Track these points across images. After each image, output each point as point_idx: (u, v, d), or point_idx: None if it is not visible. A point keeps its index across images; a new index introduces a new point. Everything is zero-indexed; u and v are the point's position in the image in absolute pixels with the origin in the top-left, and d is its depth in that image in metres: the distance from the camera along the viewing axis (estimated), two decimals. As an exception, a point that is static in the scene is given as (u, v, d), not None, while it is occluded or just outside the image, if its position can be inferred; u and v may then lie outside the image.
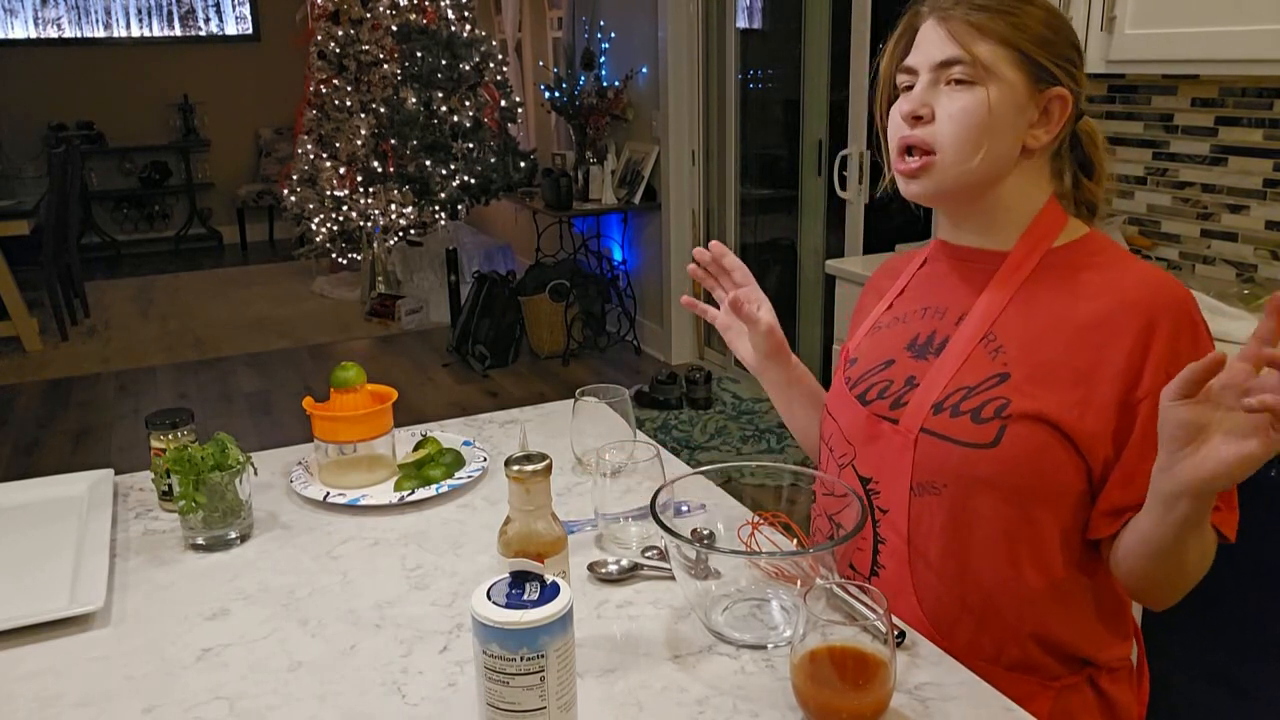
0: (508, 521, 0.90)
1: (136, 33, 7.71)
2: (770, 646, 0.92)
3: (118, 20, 7.65)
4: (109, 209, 7.95)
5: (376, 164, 5.18)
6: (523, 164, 5.33)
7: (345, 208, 5.27)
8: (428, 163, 5.09)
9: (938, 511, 1.01)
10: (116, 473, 1.33)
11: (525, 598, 0.76)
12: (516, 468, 0.87)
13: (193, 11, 7.83)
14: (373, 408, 1.28)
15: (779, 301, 1.23)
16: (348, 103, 5.19)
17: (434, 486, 1.26)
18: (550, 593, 0.76)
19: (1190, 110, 2.20)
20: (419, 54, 5.05)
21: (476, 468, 1.32)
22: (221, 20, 7.92)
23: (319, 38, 5.27)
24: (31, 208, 5.45)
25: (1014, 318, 1.02)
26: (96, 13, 7.58)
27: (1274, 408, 0.76)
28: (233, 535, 1.16)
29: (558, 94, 5.01)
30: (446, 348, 5.02)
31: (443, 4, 5.19)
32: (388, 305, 5.64)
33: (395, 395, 1.32)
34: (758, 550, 1.02)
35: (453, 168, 5.13)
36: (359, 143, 5.14)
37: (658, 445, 1.16)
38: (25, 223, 5.19)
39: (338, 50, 5.21)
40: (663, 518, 0.92)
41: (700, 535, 1.04)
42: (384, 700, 0.87)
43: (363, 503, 1.24)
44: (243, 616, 1.01)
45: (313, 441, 1.30)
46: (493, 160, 5.19)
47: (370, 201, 5.20)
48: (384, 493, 1.26)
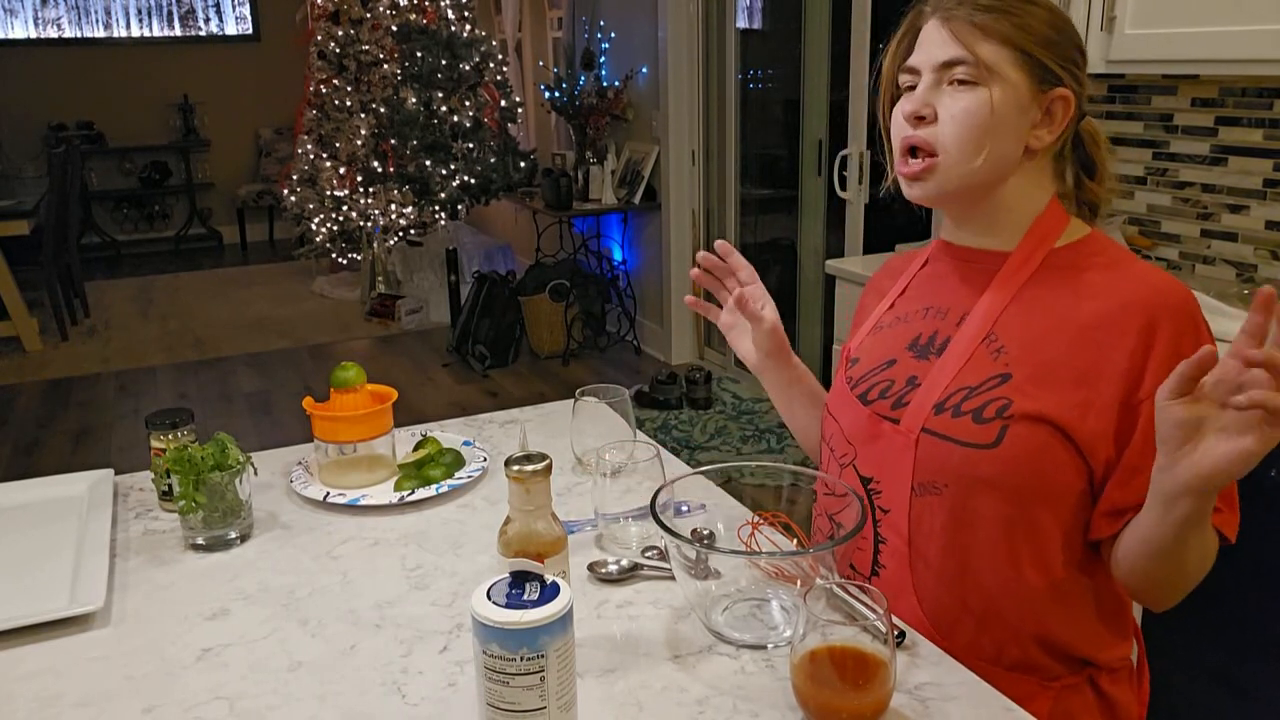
0: (508, 521, 0.90)
1: (136, 33, 7.71)
2: (770, 646, 0.92)
3: (118, 20, 7.65)
4: (109, 209, 7.95)
5: (376, 164, 5.18)
6: (523, 164, 5.33)
7: (345, 208, 5.27)
8: (428, 163, 5.09)
9: (938, 512, 1.01)
10: (116, 473, 1.33)
11: (525, 598, 0.76)
12: (516, 468, 0.87)
13: (193, 11, 7.83)
14: (373, 408, 1.28)
15: (779, 301, 1.23)
16: (348, 103, 5.19)
17: (434, 486, 1.26)
18: (550, 593, 0.76)
19: (1190, 110, 2.20)
20: (419, 54, 5.05)
21: (476, 468, 1.32)
22: (221, 20, 7.92)
23: (319, 38, 5.28)
24: (31, 208, 5.45)
25: (1016, 318, 1.02)
26: (96, 13, 7.58)
27: (1263, 404, 0.76)
28: (233, 535, 1.16)
29: (558, 94, 5.01)
30: (446, 348, 5.02)
31: (443, 4, 5.19)
32: (388, 305, 5.64)
33: (395, 395, 1.32)
34: (758, 550, 1.02)
35: (453, 168, 5.13)
36: (359, 143, 5.14)
37: (658, 445, 1.16)
38: (25, 223, 5.19)
39: (338, 50, 5.21)
40: (663, 518, 0.92)
41: (700, 535, 1.04)
42: (384, 700, 0.87)
43: (363, 503, 1.24)
44: (243, 616, 1.01)
45: (313, 441, 1.30)
46: (493, 160, 5.19)
47: (370, 201, 5.20)
48: (384, 493, 1.26)
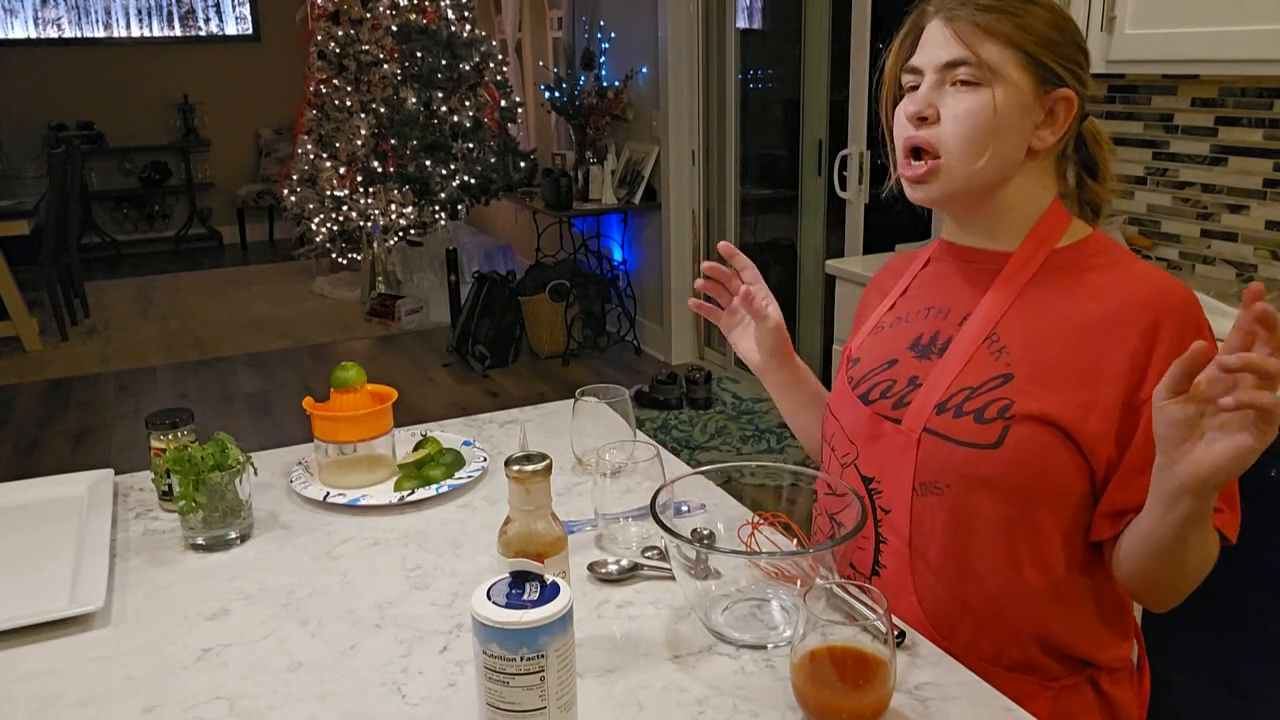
0: (508, 521, 0.90)
1: (136, 33, 7.71)
2: (770, 646, 0.92)
3: (118, 20, 7.65)
4: (109, 209, 7.95)
5: (376, 164, 5.18)
6: (523, 164, 5.33)
7: (345, 208, 5.27)
8: (428, 163, 5.09)
9: (939, 512, 1.00)
10: (116, 473, 1.33)
11: (525, 598, 0.76)
12: (516, 468, 0.87)
13: (193, 11, 7.83)
14: (373, 408, 1.28)
15: (779, 301, 1.23)
16: (348, 103, 5.19)
17: (434, 486, 1.26)
18: (550, 593, 0.76)
19: (1190, 110, 2.20)
20: (419, 54, 5.04)
21: (476, 468, 1.32)
22: (221, 20, 7.92)
23: (319, 38, 5.28)
24: (31, 208, 5.45)
25: (1017, 318, 1.01)
26: (96, 13, 7.58)
27: (1252, 404, 0.76)
28: (233, 535, 1.16)
29: (558, 94, 5.01)
30: (446, 348, 5.02)
31: (443, 4, 5.19)
32: (388, 305, 5.64)
33: (395, 395, 1.32)
34: (758, 550, 1.02)
35: (453, 168, 5.13)
36: (359, 143, 5.14)
37: (658, 445, 1.16)
38: (25, 223, 5.19)
39: (338, 50, 5.21)
40: (663, 518, 0.92)
41: (700, 535, 1.04)
42: (384, 700, 0.87)
43: (363, 503, 1.24)
44: (243, 616, 1.01)
45: (313, 441, 1.30)
46: (493, 160, 5.19)
47: (370, 201, 5.20)
48: (384, 493, 1.26)
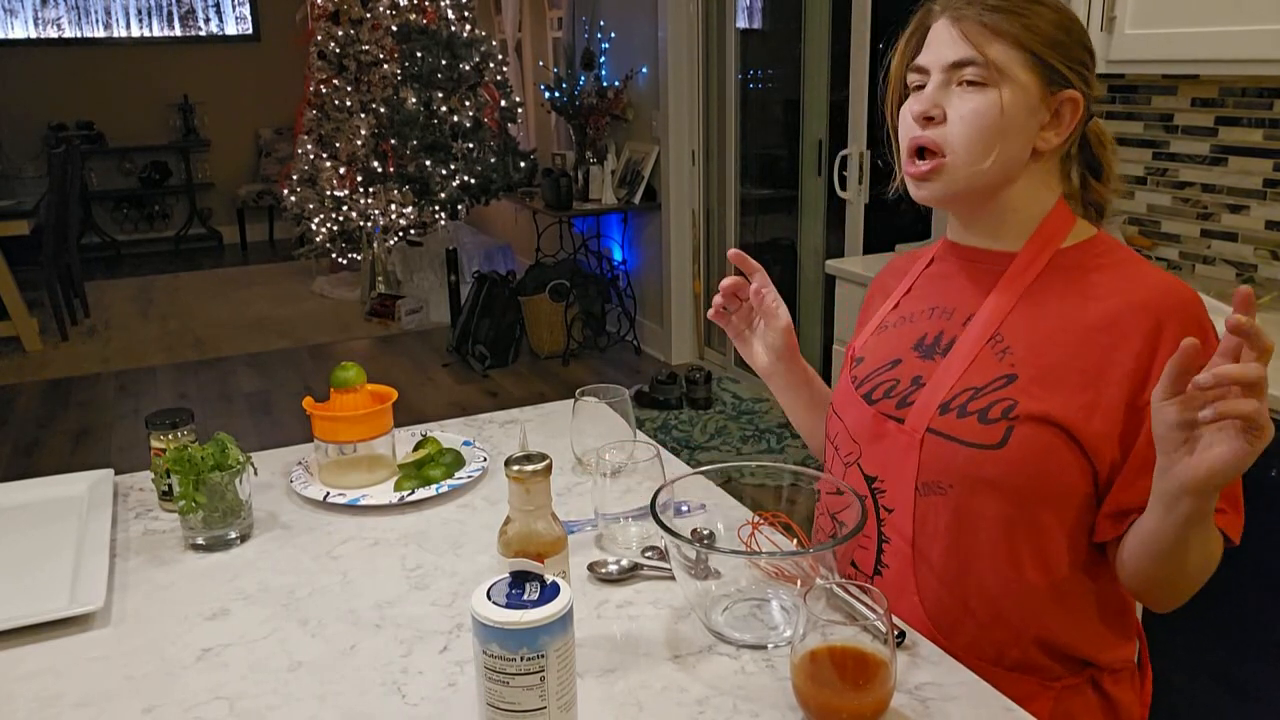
0: (508, 521, 0.90)
1: (136, 33, 7.71)
2: (770, 646, 0.92)
3: (118, 20, 7.65)
4: (109, 209, 7.95)
5: (376, 164, 5.18)
6: (523, 164, 5.33)
7: (345, 208, 5.27)
8: (428, 163, 5.09)
9: (942, 512, 1.00)
10: (116, 473, 1.33)
11: (525, 598, 0.76)
12: (516, 468, 0.87)
13: (193, 11, 7.83)
14: (373, 408, 1.28)
15: (779, 301, 1.23)
16: (348, 103, 5.19)
17: (434, 486, 1.26)
18: (550, 593, 0.76)
19: (1190, 110, 2.20)
20: (419, 54, 5.04)
21: (476, 468, 1.32)
22: (221, 20, 7.92)
23: (319, 38, 5.28)
24: (31, 208, 5.45)
25: (1021, 319, 1.01)
26: (96, 13, 7.58)
27: (1230, 414, 0.77)
28: (233, 535, 1.15)
29: (558, 94, 5.01)
30: (446, 348, 5.02)
31: (443, 4, 5.19)
32: (388, 305, 5.64)
33: (395, 395, 1.32)
34: (758, 550, 1.02)
35: (453, 168, 5.13)
36: (359, 143, 5.14)
37: (658, 445, 1.16)
38: (25, 223, 5.19)
39: (338, 50, 5.21)
40: (663, 518, 0.92)
41: (700, 535, 1.04)
42: (384, 700, 0.87)
43: (363, 503, 1.24)
44: (243, 616, 1.01)
45: (313, 441, 1.30)
46: (493, 160, 5.19)
47: (370, 201, 5.20)
48: (384, 493, 1.26)
